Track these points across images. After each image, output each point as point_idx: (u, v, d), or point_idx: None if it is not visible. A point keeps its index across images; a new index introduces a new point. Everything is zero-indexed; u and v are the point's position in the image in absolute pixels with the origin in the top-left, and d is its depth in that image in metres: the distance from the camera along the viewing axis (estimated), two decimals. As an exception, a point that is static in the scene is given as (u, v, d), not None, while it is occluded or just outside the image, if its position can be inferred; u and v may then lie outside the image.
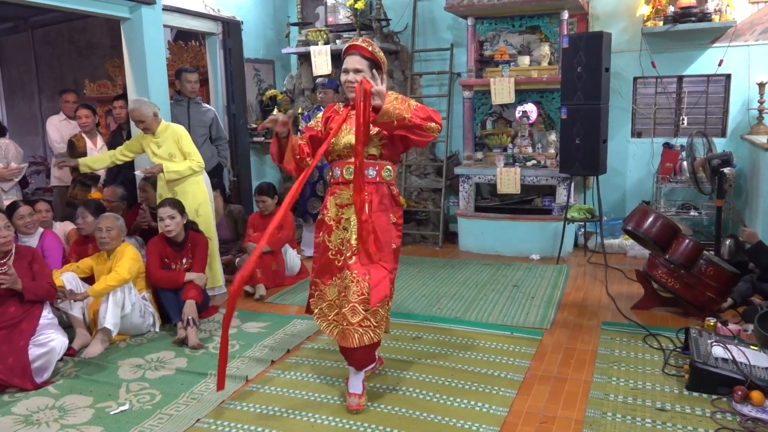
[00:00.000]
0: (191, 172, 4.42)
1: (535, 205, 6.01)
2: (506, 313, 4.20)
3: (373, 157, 2.93)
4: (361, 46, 2.90)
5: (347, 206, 2.91)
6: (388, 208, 2.96)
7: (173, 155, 4.37)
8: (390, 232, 2.93)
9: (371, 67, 2.89)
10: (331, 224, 2.96)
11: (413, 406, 2.94)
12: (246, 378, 3.27)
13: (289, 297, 4.71)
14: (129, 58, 5.00)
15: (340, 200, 2.95)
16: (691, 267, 3.94)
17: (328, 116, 3.05)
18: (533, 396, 3.04)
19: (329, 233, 2.96)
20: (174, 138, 4.37)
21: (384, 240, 2.88)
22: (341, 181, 2.96)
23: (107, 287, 3.68)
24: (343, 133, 2.94)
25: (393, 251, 2.95)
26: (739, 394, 2.84)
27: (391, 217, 2.97)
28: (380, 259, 2.86)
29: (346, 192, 2.92)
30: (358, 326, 2.79)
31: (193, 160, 4.41)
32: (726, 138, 5.81)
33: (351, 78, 2.86)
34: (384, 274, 2.87)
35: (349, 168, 2.91)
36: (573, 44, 5.19)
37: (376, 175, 2.92)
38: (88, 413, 2.95)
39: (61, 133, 5.71)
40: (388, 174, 2.98)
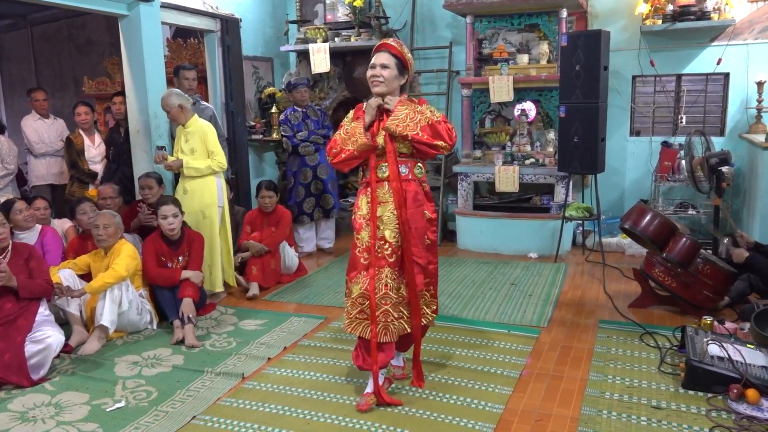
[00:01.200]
0: (210, 171, 4.38)
1: (534, 203, 6.01)
2: (503, 311, 4.20)
3: (405, 155, 2.99)
4: (392, 45, 2.97)
5: (382, 204, 2.96)
6: (422, 204, 3.02)
7: (195, 151, 4.35)
8: (424, 228, 3.00)
9: (398, 65, 2.95)
10: (360, 222, 3.01)
11: (409, 404, 2.94)
12: (242, 375, 3.28)
13: (286, 295, 4.71)
14: (127, 55, 5.00)
15: (380, 198, 2.98)
16: (688, 265, 3.95)
17: (358, 117, 3.06)
18: (529, 393, 3.04)
19: (358, 231, 3.00)
20: (200, 134, 4.35)
21: (418, 236, 2.96)
22: (374, 180, 2.99)
23: (104, 284, 3.68)
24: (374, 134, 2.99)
25: (428, 246, 3.02)
26: (735, 392, 2.84)
27: (426, 213, 3.03)
28: (414, 255, 2.94)
29: (380, 190, 2.98)
30: (399, 319, 2.92)
31: (215, 159, 4.37)
32: (725, 137, 5.81)
33: (377, 72, 2.93)
34: (418, 270, 2.96)
35: (381, 167, 2.98)
36: (572, 42, 5.18)
37: (408, 173, 3.00)
38: (84, 410, 2.96)
39: (38, 132, 5.69)
40: (420, 171, 3.05)
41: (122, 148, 5.29)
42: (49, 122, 5.74)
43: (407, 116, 2.87)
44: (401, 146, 2.96)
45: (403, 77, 3.00)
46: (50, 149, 5.69)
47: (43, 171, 5.70)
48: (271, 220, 5.10)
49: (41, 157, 5.68)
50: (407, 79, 3.04)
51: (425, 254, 2.99)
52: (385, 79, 2.92)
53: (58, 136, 5.75)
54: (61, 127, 5.84)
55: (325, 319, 4.14)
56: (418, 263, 2.96)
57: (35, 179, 5.73)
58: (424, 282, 3.01)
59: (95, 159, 5.49)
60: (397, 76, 2.95)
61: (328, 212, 5.83)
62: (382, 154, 2.99)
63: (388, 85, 2.94)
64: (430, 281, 3.07)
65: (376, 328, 2.88)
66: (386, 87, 2.94)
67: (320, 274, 5.26)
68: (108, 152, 5.50)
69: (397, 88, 2.99)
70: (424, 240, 2.99)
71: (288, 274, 5.10)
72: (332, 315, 4.22)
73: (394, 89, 2.98)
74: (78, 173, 5.41)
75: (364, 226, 2.98)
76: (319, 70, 6.27)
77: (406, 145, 2.95)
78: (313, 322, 4.07)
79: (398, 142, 2.95)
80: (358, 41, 6.26)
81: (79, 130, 5.50)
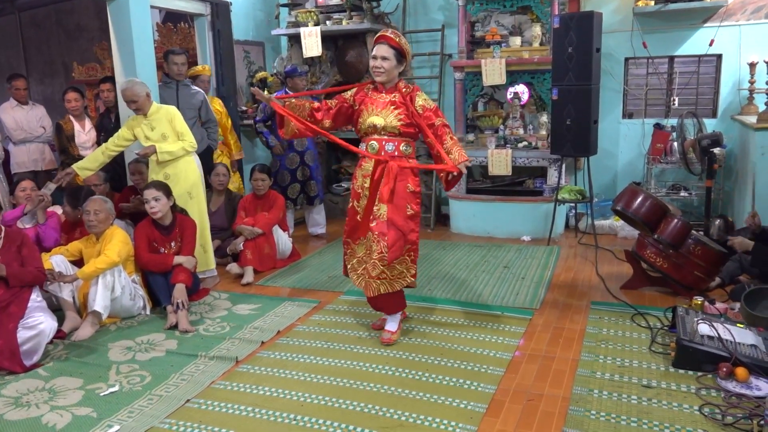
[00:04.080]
0: (184, 152, 4.34)
1: (527, 186, 6.01)
2: (496, 293, 4.22)
3: (393, 134, 3.39)
4: (389, 37, 3.36)
5: (367, 176, 3.41)
6: (406, 177, 3.39)
7: (166, 136, 4.30)
8: (405, 199, 3.38)
9: (397, 55, 3.35)
10: (359, 191, 3.48)
11: (403, 385, 2.96)
12: (236, 359, 3.29)
13: (280, 279, 4.71)
14: (116, 40, 4.95)
15: (365, 171, 3.45)
16: (679, 246, 3.97)
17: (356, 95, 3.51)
18: (521, 374, 3.06)
19: (357, 199, 3.49)
20: (167, 118, 4.31)
21: (400, 205, 3.35)
22: (365, 155, 3.45)
23: (96, 270, 3.67)
24: (366, 113, 3.42)
25: (410, 216, 3.40)
26: (724, 370, 2.86)
27: (409, 186, 3.40)
28: (394, 222, 3.33)
29: (368, 164, 3.43)
30: (377, 278, 3.34)
31: (186, 140, 4.33)
32: (717, 118, 5.81)
33: (378, 64, 3.35)
34: (399, 236, 3.35)
35: (371, 144, 3.42)
36: (564, 24, 5.16)
37: (394, 150, 3.40)
38: (78, 395, 2.96)
39: (16, 120, 5.62)
40: (407, 148, 3.43)
41: (113, 134, 5.21)
42: (27, 108, 5.67)
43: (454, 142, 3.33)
44: (388, 127, 3.36)
45: (402, 65, 3.42)
46: (30, 136, 5.61)
47: (24, 158, 5.64)
48: (264, 205, 5.10)
49: (21, 144, 5.60)
50: (406, 65, 3.46)
51: (405, 223, 3.37)
52: (385, 70, 3.35)
53: (37, 122, 5.68)
54: (40, 113, 5.77)
55: (318, 303, 4.15)
56: (400, 230, 3.35)
57: (16, 166, 5.67)
58: (404, 248, 3.38)
59: (86, 145, 5.45)
60: (396, 66, 3.38)
61: (312, 199, 5.77)
62: (369, 132, 3.43)
63: (388, 74, 3.38)
64: (411, 248, 3.43)
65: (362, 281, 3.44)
66: (387, 76, 3.39)
67: (314, 258, 5.27)
68: (98, 138, 5.46)
69: (396, 75, 3.43)
70: (405, 210, 3.37)
71: (281, 259, 5.10)
72: (326, 299, 4.23)
73: (393, 77, 3.42)
74: (68, 159, 5.37)
75: (361, 196, 3.45)
76: (311, 54, 6.23)
77: (394, 125, 3.35)
78: (307, 306, 4.08)
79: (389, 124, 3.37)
80: (350, 24, 6.22)
81: (69, 116, 5.45)
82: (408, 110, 3.36)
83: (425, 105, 3.39)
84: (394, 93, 3.42)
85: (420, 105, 3.39)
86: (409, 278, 3.44)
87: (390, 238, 3.31)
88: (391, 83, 3.44)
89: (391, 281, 3.38)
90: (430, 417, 2.67)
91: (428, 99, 3.45)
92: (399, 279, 3.41)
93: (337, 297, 4.26)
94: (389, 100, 3.40)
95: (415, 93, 3.42)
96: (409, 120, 3.36)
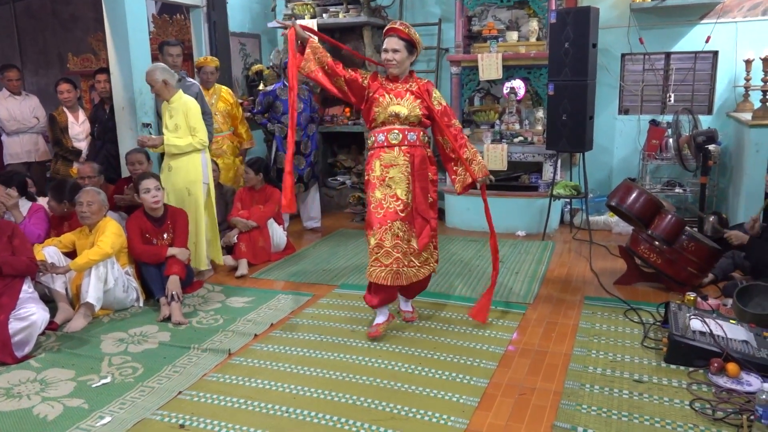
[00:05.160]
0: (191, 148, 4.28)
1: (522, 181, 6.01)
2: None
3: (413, 124, 3.42)
4: (399, 29, 3.37)
5: (392, 166, 3.39)
6: (428, 166, 3.48)
7: (179, 127, 4.26)
8: (427, 188, 3.47)
9: (407, 47, 3.38)
10: (374, 183, 3.42)
11: (395, 378, 2.96)
12: (229, 351, 3.28)
13: (274, 272, 4.70)
14: (111, 31, 4.92)
15: (385, 161, 3.40)
16: (673, 242, 3.97)
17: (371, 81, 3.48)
18: (514, 368, 3.07)
19: (372, 190, 3.43)
20: (183, 110, 4.25)
21: (424, 194, 3.45)
22: (386, 145, 3.42)
23: (89, 261, 3.66)
24: (385, 102, 3.41)
25: (431, 204, 3.51)
26: (716, 366, 2.87)
27: (429, 175, 3.49)
28: (421, 211, 3.44)
29: (389, 154, 3.40)
30: (407, 266, 3.37)
31: (196, 136, 4.27)
32: (712, 115, 5.82)
33: (390, 56, 3.37)
34: (424, 224, 3.46)
35: (393, 132, 3.40)
36: (560, 19, 5.15)
37: (416, 140, 3.44)
38: (69, 386, 2.96)
39: (9, 110, 5.59)
40: (425, 138, 3.50)
41: (107, 126, 5.23)
42: (20, 99, 5.64)
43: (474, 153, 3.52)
44: (411, 116, 3.39)
45: (413, 56, 3.46)
46: (23, 126, 5.59)
47: (17, 149, 5.62)
48: (259, 198, 5.09)
49: (14, 135, 5.59)
50: (416, 55, 3.50)
51: (429, 210, 3.49)
52: (398, 62, 3.38)
53: (31, 113, 5.65)
54: (34, 104, 5.74)
55: (312, 296, 4.15)
56: (425, 218, 3.45)
57: (9, 157, 5.65)
58: (430, 234, 3.48)
59: (79, 137, 5.43)
60: (407, 57, 3.41)
61: (306, 185, 5.75)
62: (389, 121, 3.41)
63: (400, 66, 3.41)
64: (433, 234, 3.52)
65: (389, 274, 3.32)
66: (399, 68, 3.41)
67: (309, 251, 5.26)
68: (93, 130, 5.43)
69: (408, 66, 3.46)
70: (428, 198, 3.48)
71: (276, 252, 5.10)
72: (320, 292, 4.23)
73: (406, 68, 3.45)
74: (62, 151, 5.36)
75: (377, 186, 3.40)
76: (307, 47, 6.18)
77: (417, 114, 3.39)
78: (301, 300, 4.08)
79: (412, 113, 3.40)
80: (347, 17, 6.19)
81: (62, 108, 5.43)
82: (425, 102, 3.42)
83: (441, 102, 3.49)
84: (410, 83, 3.46)
85: (436, 101, 3.47)
86: (433, 263, 3.55)
87: (418, 227, 3.43)
88: (405, 74, 3.47)
89: (419, 268, 3.44)
90: (422, 410, 2.67)
91: (441, 96, 3.54)
92: (426, 265, 3.50)
93: (331, 290, 4.26)
94: (408, 89, 3.43)
95: (430, 86, 3.50)
96: (426, 110, 3.43)
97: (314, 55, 3.44)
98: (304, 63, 3.45)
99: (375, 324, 3.49)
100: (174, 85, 4.27)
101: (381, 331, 3.45)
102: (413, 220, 3.41)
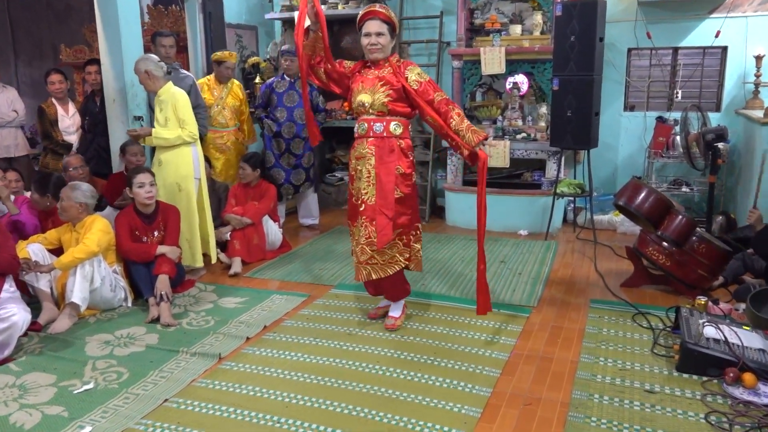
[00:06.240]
0: (181, 141, 4.11)
1: (524, 179, 5.85)
2: (493, 289, 4.04)
3: (381, 113, 3.24)
4: (381, 12, 3.23)
5: (360, 158, 3.28)
6: (396, 159, 3.24)
7: (169, 120, 4.10)
8: (393, 182, 3.22)
9: (390, 30, 3.25)
10: (353, 174, 3.36)
11: (394, 386, 2.82)
12: (219, 355, 3.13)
13: (269, 271, 4.55)
14: (102, 21, 4.74)
15: (357, 153, 3.32)
16: (683, 244, 3.82)
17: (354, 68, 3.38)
18: (518, 376, 2.92)
19: (351, 182, 3.38)
20: (172, 102, 4.08)
21: (387, 188, 3.21)
22: (357, 136, 3.33)
23: (74, 260, 3.50)
24: (356, 91, 3.29)
25: (399, 199, 3.25)
26: (731, 376, 2.73)
27: (399, 168, 3.25)
28: (380, 206, 3.21)
29: (360, 145, 3.30)
30: (365, 264, 3.26)
31: (185, 129, 4.10)
32: (720, 112, 5.67)
33: (374, 41, 3.22)
34: (387, 220, 3.21)
35: (362, 124, 3.28)
36: (566, 12, 4.99)
37: (383, 130, 3.25)
38: (50, 392, 2.80)
39: None
40: (397, 128, 3.26)
41: (98, 118, 5.05)
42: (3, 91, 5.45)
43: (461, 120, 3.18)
44: (375, 104, 3.23)
45: (393, 39, 3.32)
46: (1, 121, 5.41)
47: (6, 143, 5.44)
48: (254, 194, 4.93)
49: None
50: (395, 39, 3.35)
51: (394, 206, 3.23)
52: (382, 46, 3.24)
53: (8, 106, 5.46)
54: (12, 96, 5.55)
55: (308, 297, 4.00)
56: (385, 214, 3.20)
57: None
58: (395, 232, 3.25)
59: (69, 129, 5.27)
60: (390, 41, 3.28)
61: (297, 188, 5.58)
62: (359, 111, 3.30)
63: (384, 51, 3.27)
64: (402, 231, 3.30)
65: (357, 267, 3.30)
66: (383, 53, 3.27)
67: (305, 249, 5.11)
68: (83, 122, 5.27)
69: (389, 50, 3.32)
70: (393, 193, 3.23)
71: (271, 250, 4.94)
72: (316, 293, 4.08)
73: (388, 53, 3.31)
74: (51, 144, 5.20)
75: (355, 178, 3.34)
76: (305, 40, 6.02)
77: (381, 102, 3.22)
78: (296, 300, 3.93)
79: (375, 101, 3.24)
80: (346, 9, 6.04)
81: (51, 99, 5.26)
82: (397, 86, 3.22)
83: (419, 79, 3.25)
84: (384, 68, 3.27)
85: (414, 80, 3.24)
86: (402, 262, 3.33)
87: (378, 223, 3.20)
88: (383, 58, 3.30)
89: (382, 266, 3.28)
90: (422, 421, 2.53)
91: (422, 72, 3.30)
92: (391, 264, 3.30)
93: (327, 291, 4.11)
94: (377, 76, 3.26)
95: (406, 67, 3.27)
96: (398, 96, 3.22)
97: (314, 43, 3.29)
98: (305, 43, 3.29)
99: (377, 307, 3.58)
100: (160, 76, 4.10)
101: (380, 313, 3.50)
102: (374, 216, 3.21)
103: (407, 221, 3.32)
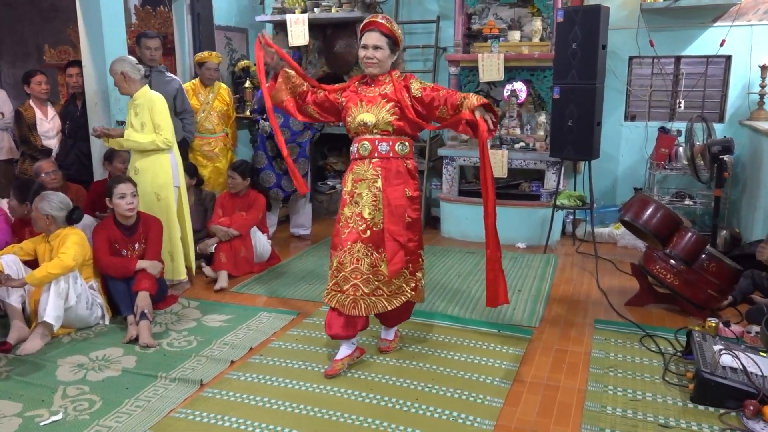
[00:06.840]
0: (154, 147, 3.89)
1: (523, 190, 5.67)
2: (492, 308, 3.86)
3: (386, 132, 2.98)
4: (381, 23, 2.94)
5: (361, 181, 2.98)
6: (403, 182, 3.00)
7: (145, 125, 3.88)
8: (404, 206, 2.99)
9: (390, 44, 2.96)
10: (345, 198, 3.05)
11: (389, 417, 2.61)
12: (200, 381, 2.91)
13: (256, 286, 4.33)
14: (84, 21, 4.55)
15: (357, 175, 3.01)
16: (692, 262, 3.65)
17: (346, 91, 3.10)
18: (522, 407, 2.72)
19: (343, 206, 3.05)
20: (149, 106, 3.87)
21: (398, 213, 2.96)
22: (357, 157, 3.03)
23: (48, 275, 3.27)
24: (355, 111, 3.00)
25: (408, 224, 3.00)
26: (751, 408, 2.55)
27: (407, 191, 3.01)
28: (392, 233, 2.94)
29: (360, 167, 3.01)
30: (371, 295, 2.94)
31: (160, 135, 3.88)
32: (724, 123, 5.52)
33: (370, 54, 2.94)
34: (398, 247, 2.96)
35: (363, 144, 2.99)
36: (568, 18, 4.81)
37: (389, 150, 2.98)
38: (14, 423, 2.57)
39: None
40: (403, 148, 3.02)
41: (79, 123, 4.83)
42: None
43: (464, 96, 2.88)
44: (381, 124, 2.95)
45: (395, 54, 3.01)
46: None
47: None
48: (242, 204, 4.71)
49: None
50: (398, 55, 3.04)
51: (405, 232, 2.99)
52: (378, 60, 2.95)
53: None
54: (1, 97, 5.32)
55: (297, 314, 3.79)
56: (398, 241, 2.96)
57: None
58: (405, 259, 3.01)
59: (49, 134, 5.03)
60: (389, 56, 2.98)
61: (287, 194, 5.33)
62: (360, 131, 3.00)
63: (381, 66, 2.97)
64: (410, 258, 3.06)
65: (345, 300, 2.92)
66: (380, 68, 2.98)
67: (295, 262, 4.89)
68: (64, 127, 5.03)
69: (389, 66, 3.02)
70: (404, 218, 2.99)
71: (259, 263, 4.73)
72: (306, 310, 3.87)
73: (386, 68, 3.01)
74: (30, 149, 4.95)
75: (348, 202, 3.01)
76: (297, 43, 5.82)
77: (386, 120, 2.95)
78: (285, 318, 3.71)
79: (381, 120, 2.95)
80: (340, 12, 5.84)
81: (29, 102, 5.01)
82: (402, 103, 2.94)
83: (422, 86, 2.99)
84: (385, 85, 3.00)
85: (417, 89, 2.97)
86: (408, 292, 3.07)
87: (389, 250, 2.94)
88: (381, 74, 3.02)
89: (389, 297, 3.00)
90: (419, 460, 2.32)
91: (423, 81, 3.05)
92: (397, 294, 3.03)
93: (317, 308, 3.89)
94: (380, 93, 2.98)
95: (409, 81, 3.00)
96: (402, 114, 2.95)
97: (286, 85, 3.04)
98: (274, 92, 3.05)
99: (334, 359, 3.02)
100: (137, 79, 3.88)
101: (338, 369, 2.98)
102: (381, 243, 2.94)
103: (414, 248, 3.07)
